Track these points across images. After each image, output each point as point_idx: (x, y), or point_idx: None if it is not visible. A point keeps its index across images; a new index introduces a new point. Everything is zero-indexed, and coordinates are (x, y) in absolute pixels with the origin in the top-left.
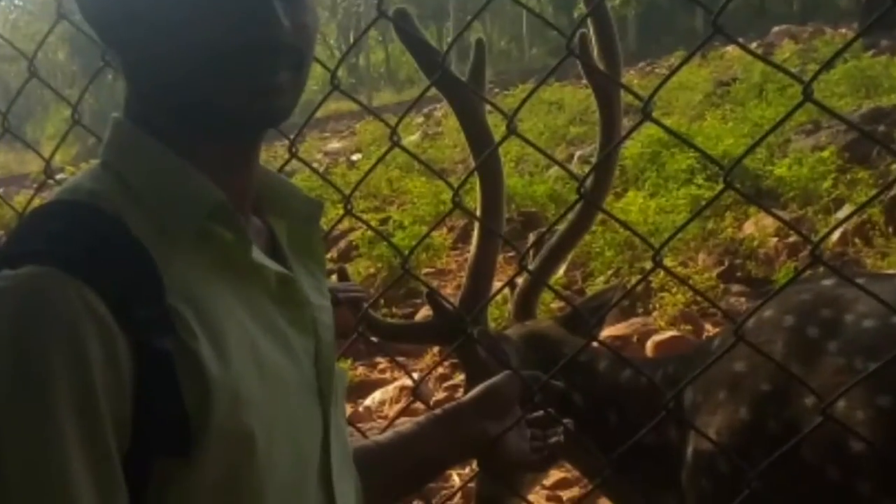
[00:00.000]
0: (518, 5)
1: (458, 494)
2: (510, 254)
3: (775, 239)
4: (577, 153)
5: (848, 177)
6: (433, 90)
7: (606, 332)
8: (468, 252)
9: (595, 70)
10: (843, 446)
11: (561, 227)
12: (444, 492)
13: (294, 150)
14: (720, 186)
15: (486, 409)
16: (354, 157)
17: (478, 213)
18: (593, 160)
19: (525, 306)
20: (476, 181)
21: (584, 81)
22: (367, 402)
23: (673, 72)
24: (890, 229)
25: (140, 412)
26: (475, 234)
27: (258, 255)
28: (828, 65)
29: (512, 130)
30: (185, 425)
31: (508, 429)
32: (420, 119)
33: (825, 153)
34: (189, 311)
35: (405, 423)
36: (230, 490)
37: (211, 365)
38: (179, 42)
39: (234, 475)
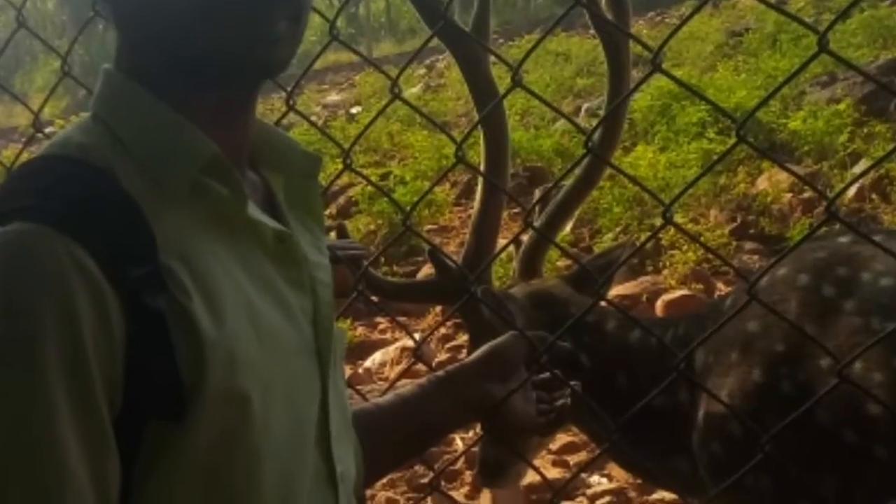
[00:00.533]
0: None
1: (462, 459)
2: (515, 210)
3: (789, 194)
4: (585, 106)
5: (865, 130)
6: (435, 41)
7: (615, 291)
8: (471, 208)
9: (603, 20)
10: (860, 409)
11: (567, 182)
12: (447, 456)
13: (291, 102)
14: (732, 140)
15: (491, 371)
16: (354, 110)
17: (481, 167)
18: (601, 113)
19: (530, 264)
20: (480, 135)
21: (592, 31)
22: (367, 363)
23: (684, 21)
24: None
25: (131, 373)
26: (479, 189)
27: (254, 210)
28: (844, 14)
29: (517, 82)
30: (178, 387)
31: (513, 391)
32: (422, 71)
33: (841, 106)
34: (182, 268)
35: (406, 386)
36: (225, 453)
37: (205, 324)
38: None
39: (228, 438)
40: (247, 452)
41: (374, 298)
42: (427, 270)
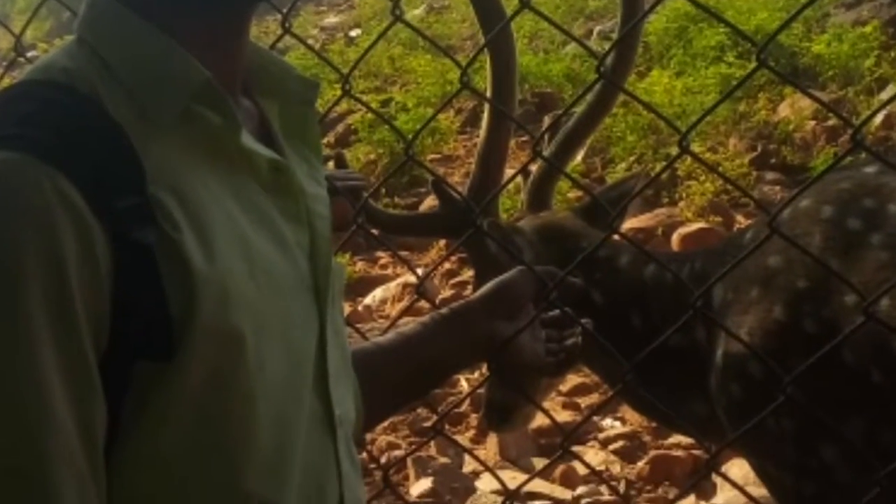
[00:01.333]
0: None
1: (467, 401)
2: (523, 138)
3: (813, 122)
4: (597, 28)
5: (892, 54)
6: None
7: (628, 224)
8: (477, 137)
9: None
10: (887, 348)
11: (578, 109)
12: (451, 398)
13: (287, 25)
14: (753, 65)
15: (497, 308)
16: (353, 33)
17: (488, 94)
18: (614, 36)
19: (539, 196)
20: (486, 59)
21: None
22: (367, 300)
23: None
24: None
25: (118, 311)
26: (485, 117)
27: (248, 139)
28: None
29: (525, 3)
30: (167, 325)
31: (521, 329)
32: None
33: (867, 28)
34: (172, 200)
35: (408, 324)
36: (217, 394)
37: (196, 259)
38: None
39: (221, 378)
40: (240, 394)
41: (375, 232)
42: (430, 202)
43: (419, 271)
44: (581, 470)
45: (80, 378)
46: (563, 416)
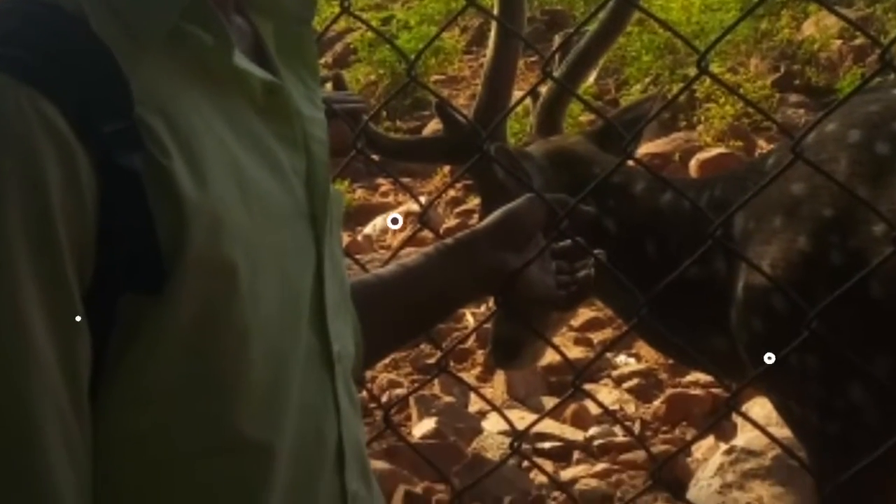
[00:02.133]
0: None
1: (472, 337)
2: (532, 58)
3: (839, 41)
4: None
5: None
6: None
7: (644, 149)
8: (483, 57)
9: None
10: None
11: (591, 27)
12: (457, 334)
13: None
14: None
15: (505, 238)
16: None
17: (495, 11)
18: None
19: (549, 119)
20: None
21: None
22: (367, 229)
23: None
24: None
25: (104, 242)
26: (492, 35)
27: (241, 59)
28: None
29: None
30: (155, 255)
31: (531, 261)
32: None
33: None
34: (161, 124)
35: (411, 255)
36: (208, 329)
37: (186, 185)
38: None
39: (213, 312)
40: (232, 329)
41: (375, 157)
42: (434, 126)
43: (422, 199)
44: (593, 409)
45: (63, 311)
46: (575, 353)
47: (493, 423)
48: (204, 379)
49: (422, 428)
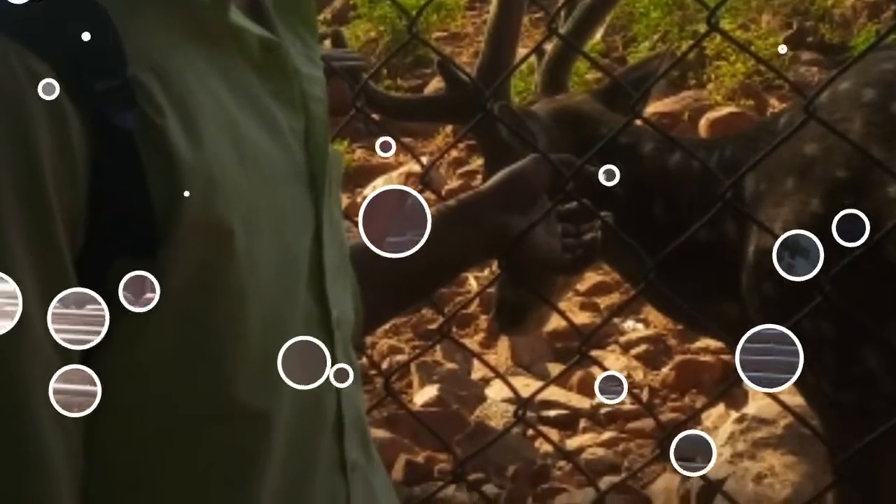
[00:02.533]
0: None
1: (476, 301)
2: (537, 14)
3: None
4: None
5: None
6: None
7: (652, 108)
8: (487, 13)
9: None
10: None
11: None
12: (459, 298)
13: None
14: None
15: (509, 200)
16: None
17: None
18: None
19: (555, 77)
20: None
21: None
22: (368, 191)
23: None
24: None
25: (96, 204)
26: None
27: (237, 16)
28: None
29: None
30: (149, 217)
31: (535, 223)
32: None
33: None
34: (155, 82)
35: None
36: (204, 294)
37: (180, 145)
38: None
39: (209, 276)
40: (229, 293)
41: (375, 116)
42: (436, 84)
43: (424, 160)
44: (600, 376)
45: (55, 278)
46: (581, 318)
47: (496, 391)
48: (200, 345)
49: (423, 395)
